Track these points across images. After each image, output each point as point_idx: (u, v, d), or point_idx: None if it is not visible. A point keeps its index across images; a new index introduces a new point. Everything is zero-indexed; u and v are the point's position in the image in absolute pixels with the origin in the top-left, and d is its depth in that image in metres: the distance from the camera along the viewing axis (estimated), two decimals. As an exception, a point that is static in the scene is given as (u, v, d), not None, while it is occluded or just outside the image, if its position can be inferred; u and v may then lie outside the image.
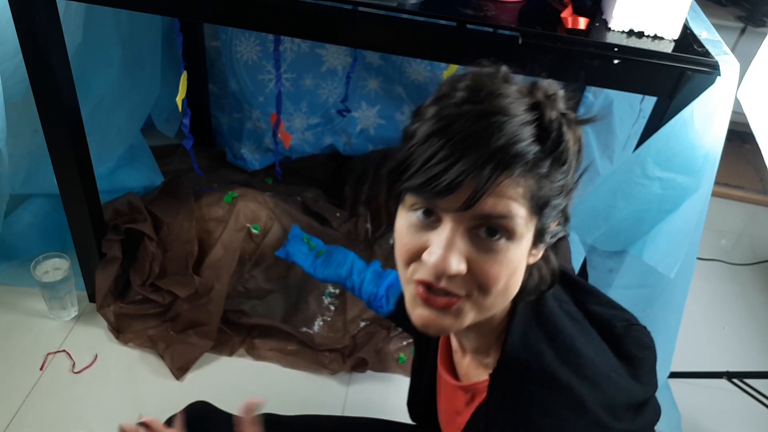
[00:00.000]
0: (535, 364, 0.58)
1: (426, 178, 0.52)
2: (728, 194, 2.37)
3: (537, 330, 0.60)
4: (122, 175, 1.72)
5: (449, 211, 0.53)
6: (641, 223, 1.10)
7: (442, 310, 0.57)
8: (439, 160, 0.51)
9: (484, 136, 0.51)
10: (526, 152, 0.52)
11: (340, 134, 1.99)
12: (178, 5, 1.08)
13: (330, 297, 1.62)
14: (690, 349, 1.64)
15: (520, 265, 0.57)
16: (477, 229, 0.54)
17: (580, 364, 0.58)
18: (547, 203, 0.55)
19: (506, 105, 0.53)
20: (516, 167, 0.51)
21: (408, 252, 0.57)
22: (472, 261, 0.54)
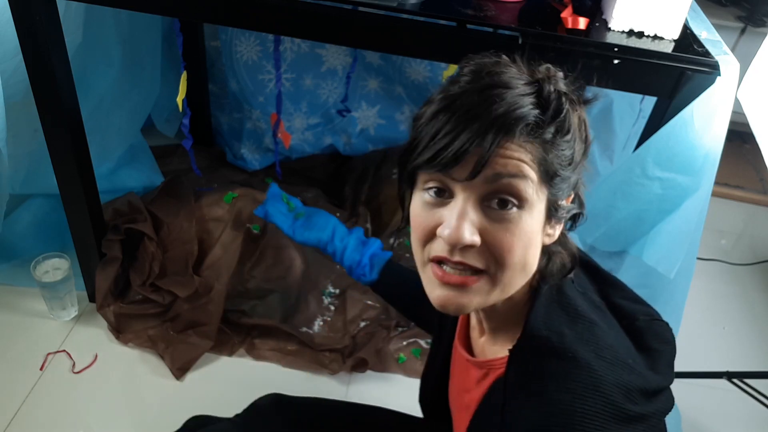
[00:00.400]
0: (556, 341, 0.58)
1: (433, 152, 0.54)
2: (728, 194, 2.37)
3: (559, 312, 0.61)
4: (122, 175, 1.72)
5: (459, 181, 0.55)
6: (641, 223, 1.10)
7: (460, 289, 0.58)
8: (445, 134, 0.54)
9: (485, 105, 0.54)
10: (526, 114, 0.54)
11: (340, 134, 1.99)
12: (178, 5, 1.08)
13: (330, 297, 1.62)
14: (690, 349, 1.64)
15: (534, 238, 0.58)
16: (489, 201, 0.55)
17: (599, 346, 0.59)
18: (556, 173, 0.56)
19: (506, 79, 0.56)
20: (517, 130, 0.53)
21: (423, 230, 0.59)
22: (486, 232, 0.55)
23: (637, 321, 0.66)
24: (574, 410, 0.54)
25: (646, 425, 0.56)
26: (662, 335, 0.66)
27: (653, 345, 0.65)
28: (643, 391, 0.58)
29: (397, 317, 1.57)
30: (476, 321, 0.74)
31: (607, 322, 0.63)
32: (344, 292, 1.61)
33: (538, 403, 0.56)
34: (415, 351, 1.54)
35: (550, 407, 0.55)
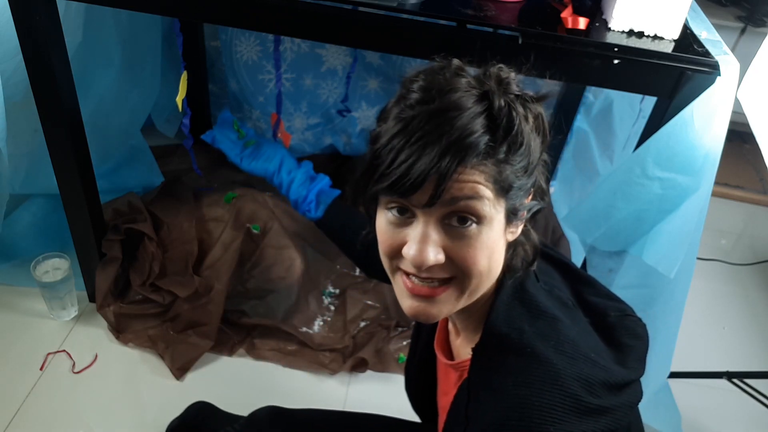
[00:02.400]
0: (515, 337, 0.60)
1: (392, 180, 0.56)
2: (728, 194, 2.37)
3: (520, 309, 0.63)
4: (122, 175, 1.72)
5: (418, 207, 0.57)
6: (641, 223, 1.10)
7: (428, 300, 0.61)
8: (401, 162, 0.56)
9: (438, 133, 0.55)
10: (478, 143, 0.55)
11: (340, 134, 1.99)
12: (178, 5, 1.08)
13: (330, 297, 1.62)
14: (690, 349, 1.64)
15: (496, 246, 0.60)
16: (449, 219, 0.57)
17: (560, 341, 0.60)
18: (512, 185, 0.58)
19: (456, 100, 0.56)
20: (470, 157, 0.55)
21: (389, 248, 0.62)
22: (449, 249, 0.58)
23: (609, 317, 0.68)
24: (531, 403, 0.55)
25: (610, 417, 0.57)
26: (633, 330, 0.68)
27: (624, 340, 0.66)
28: (606, 384, 0.58)
29: (397, 317, 1.57)
30: (451, 324, 0.76)
31: (572, 318, 0.65)
32: (344, 292, 1.61)
33: (497, 398, 0.58)
34: None
35: (507, 401, 0.57)
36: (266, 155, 1.05)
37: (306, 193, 1.02)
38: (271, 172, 1.04)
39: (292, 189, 1.03)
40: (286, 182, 1.04)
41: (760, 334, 1.83)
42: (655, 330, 1.20)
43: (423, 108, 0.57)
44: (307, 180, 1.04)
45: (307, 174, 1.05)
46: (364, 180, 0.62)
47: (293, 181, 1.03)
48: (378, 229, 0.63)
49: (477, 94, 0.57)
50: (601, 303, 0.69)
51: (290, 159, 1.06)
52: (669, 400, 1.41)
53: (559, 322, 0.62)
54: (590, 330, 0.65)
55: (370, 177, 0.60)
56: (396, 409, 1.05)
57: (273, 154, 1.05)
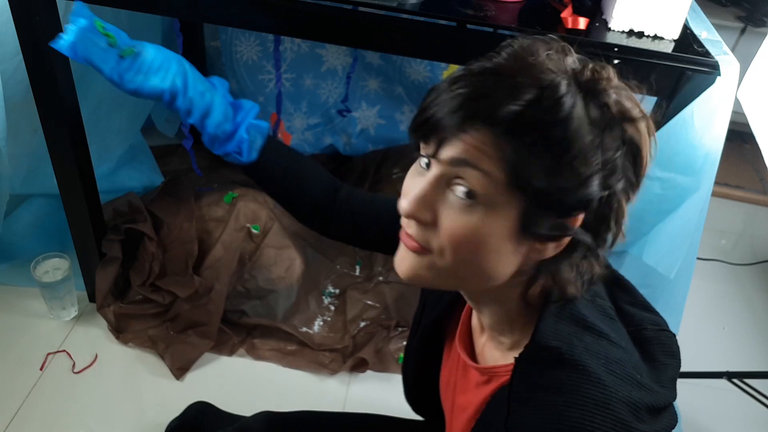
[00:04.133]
0: (566, 353, 0.55)
1: (418, 121, 0.55)
2: (728, 194, 2.37)
3: (568, 321, 0.58)
4: (122, 175, 1.72)
5: (427, 155, 0.55)
6: (641, 223, 1.10)
7: (412, 253, 0.57)
8: (429, 105, 0.53)
9: (479, 87, 0.51)
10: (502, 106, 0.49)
11: (340, 134, 1.99)
12: (178, 5, 1.08)
13: (330, 297, 1.62)
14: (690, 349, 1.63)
15: (494, 243, 0.53)
16: (454, 186, 0.53)
17: (609, 359, 0.56)
18: (529, 182, 0.50)
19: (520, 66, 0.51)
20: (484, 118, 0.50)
21: (402, 192, 0.59)
22: (439, 214, 0.54)
23: (646, 330, 0.63)
24: (583, 428, 0.51)
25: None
26: (669, 348, 0.64)
27: (659, 357, 0.62)
28: (650, 409, 0.56)
29: (397, 317, 1.57)
30: (476, 320, 0.72)
31: (617, 332, 0.61)
32: (344, 292, 1.61)
33: (546, 416, 0.54)
34: None
35: (558, 423, 0.53)
36: (157, 66, 0.74)
37: (232, 130, 0.77)
38: (171, 92, 0.74)
39: (210, 121, 0.76)
40: (199, 109, 0.75)
41: (760, 334, 1.83)
42: (655, 330, 1.20)
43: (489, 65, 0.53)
44: (228, 107, 0.78)
45: (226, 99, 0.79)
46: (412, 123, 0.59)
47: (210, 110, 0.76)
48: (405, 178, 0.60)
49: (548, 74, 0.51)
50: (637, 314, 0.65)
51: (193, 71, 0.77)
52: (669, 400, 1.41)
53: (605, 338, 0.58)
54: (632, 347, 0.61)
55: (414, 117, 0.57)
56: (396, 408, 1.05)
57: (167, 65, 0.74)
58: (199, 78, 0.77)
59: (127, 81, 0.74)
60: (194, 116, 0.76)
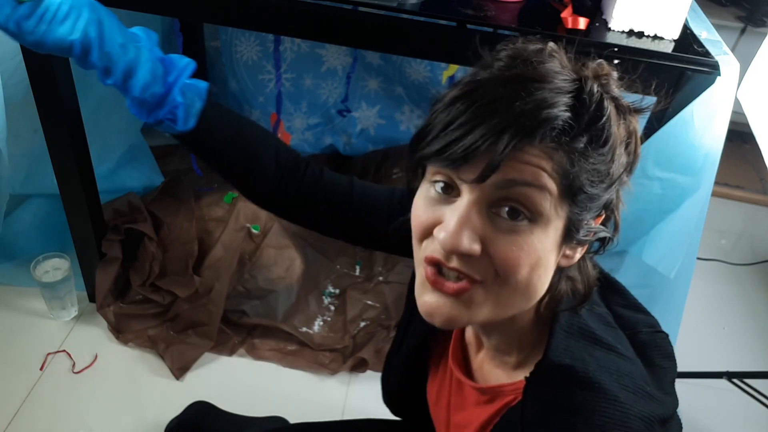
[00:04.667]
0: (580, 370, 0.53)
1: (444, 144, 0.48)
2: (728, 194, 2.37)
3: (577, 336, 0.56)
4: (122, 175, 1.72)
5: (467, 181, 0.49)
6: (641, 223, 1.10)
7: (452, 298, 0.51)
8: (459, 125, 0.48)
9: (510, 99, 0.47)
10: (555, 117, 0.47)
11: (340, 134, 1.99)
12: (178, 5, 1.08)
13: (330, 297, 1.62)
14: (690, 349, 1.64)
15: (546, 258, 0.51)
16: (498, 208, 0.49)
17: (621, 374, 0.54)
18: (582, 188, 0.49)
19: (542, 71, 0.49)
20: (540, 134, 0.47)
21: (421, 225, 0.53)
22: (489, 242, 0.49)
23: (641, 333, 0.62)
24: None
25: None
26: (665, 350, 0.63)
27: (657, 361, 0.61)
28: (661, 420, 0.55)
29: (397, 317, 1.57)
30: (472, 336, 0.69)
31: (621, 342, 0.60)
32: (344, 292, 1.61)
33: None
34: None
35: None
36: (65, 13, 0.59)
37: (163, 92, 0.64)
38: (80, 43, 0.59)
39: (134, 82, 0.63)
40: (120, 66, 0.61)
41: (760, 334, 1.83)
42: (655, 330, 1.20)
43: (502, 73, 0.49)
44: (158, 65, 0.64)
45: (155, 54, 0.65)
46: (413, 145, 0.53)
47: (134, 68, 0.62)
48: (415, 205, 0.54)
49: (569, 75, 0.50)
50: (631, 317, 0.64)
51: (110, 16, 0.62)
52: (669, 400, 1.41)
53: (614, 351, 0.56)
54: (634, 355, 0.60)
55: (420, 140, 0.51)
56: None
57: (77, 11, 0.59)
58: (119, 28, 0.62)
59: (26, 32, 0.59)
60: (114, 75, 0.62)
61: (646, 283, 1.16)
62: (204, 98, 0.68)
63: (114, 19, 0.62)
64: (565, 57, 0.53)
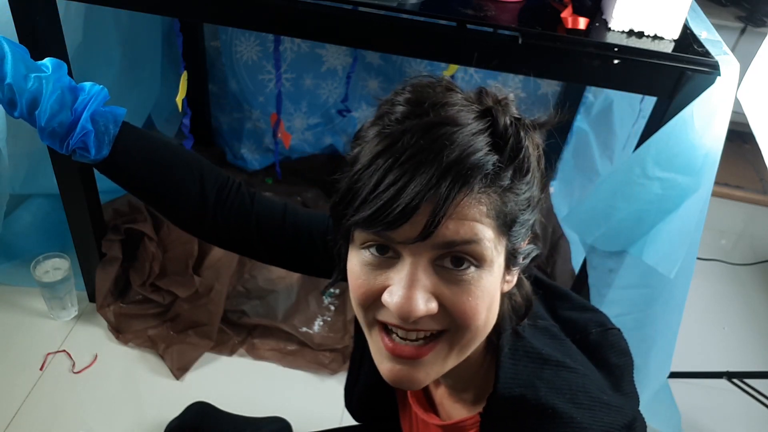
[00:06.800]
0: (531, 399, 0.53)
1: (375, 208, 0.46)
2: (728, 194, 2.37)
3: (525, 361, 0.56)
4: (122, 175, 1.71)
5: (407, 243, 0.47)
6: (641, 223, 1.10)
7: (413, 362, 0.51)
8: (388, 185, 0.46)
9: (435, 150, 0.46)
10: (484, 162, 0.47)
11: (340, 134, 1.99)
12: (178, 5, 1.08)
13: (330, 297, 1.62)
14: (690, 349, 1.64)
15: (495, 294, 0.52)
16: (441, 261, 0.48)
17: (573, 392, 0.54)
18: (515, 220, 0.50)
19: (454, 114, 0.48)
20: (475, 181, 0.46)
21: (364, 296, 0.51)
22: (443, 295, 0.49)
23: (590, 335, 0.62)
24: None
25: None
26: (619, 346, 0.62)
27: (612, 360, 0.61)
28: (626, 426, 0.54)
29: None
30: None
31: (570, 355, 0.59)
32: (344, 292, 1.61)
33: None
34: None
35: None
36: None
37: (72, 119, 0.62)
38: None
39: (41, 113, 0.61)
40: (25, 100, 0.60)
41: (760, 334, 1.83)
42: (655, 330, 1.20)
43: (414, 122, 0.48)
44: (66, 92, 0.62)
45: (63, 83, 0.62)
46: (336, 212, 0.51)
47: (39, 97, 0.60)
48: (351, 272, 0.52)
49: (477, 110, 0.50)
50: (579, 318, 0.63)
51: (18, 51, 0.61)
52: (669, 400, 1.41)
53: (564, 367, 0.56)
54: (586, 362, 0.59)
55: (345, 208, 0.49)
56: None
57: None
58: (23, 60, 0.61)
59: None
60: (19, 107, 0.61)
61: (646, 283, 1.16)
62: (118, 124, 0.66)
63: (18, 52, 0.61)
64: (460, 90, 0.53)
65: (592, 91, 1.80)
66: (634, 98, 1.68)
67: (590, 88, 1.78)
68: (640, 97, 1.64)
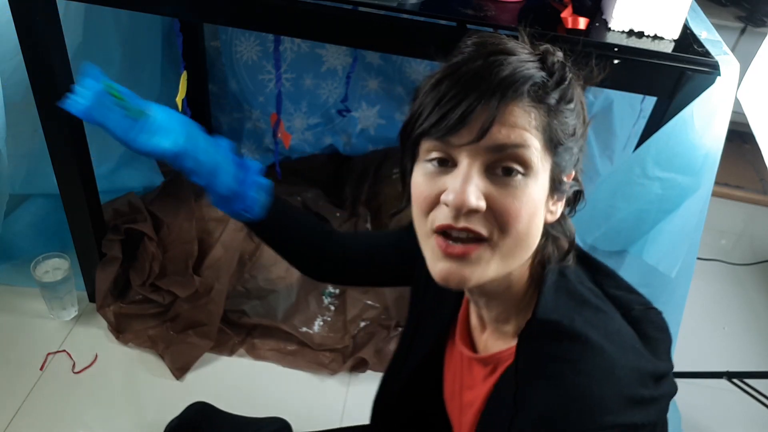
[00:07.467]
0: (566, 325, 0.58)
1: (439, 116, 0.54)
2: (728, 194, 2.37)
3: (565, 298, 0.61)
4: (122, 175, 1.72)
5: (463, 146, 0.54)
6: (641, 223, 1.10)
7: (462, 260, 0.57)
8: (451, 98, 0.54)
9: (490, 69, 0.54)
10: (533, 75, 0.55)
11: (340, 134, 1.99)
12: (178, 5, 1.08)
13: (330, 297, 1.62)
14: (690, 349, 1.64)
15: (539, 207, 0.57)
16: (493, 169, 0.55)
17: (608, 331, 0.58)
18: (560, 141, 0.57)
19: (510, 47, 0.57)
20: (524, 90, 0.54)
21: (425, 200, 0.58)
22: (491, 197, 0.55)
23: (633, 311, 0.66)
24: (592, 393, 0.53)
25: (657, 407, 0.56)
26: (658, 323, 0.66)
27: (651, 333, 0.64)
28: (653, 375, 0.58)
29: (397, 317, 1.57)
30: (476, 318, 0.73)
31: (611, 310, 0.64)
32: (344, 292, 1.61)
33: (553, 386, 0.55)
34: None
35: (567, 390, 0.54)
36: (164, 127, 0.74)
37: (241, 189, 0.78)
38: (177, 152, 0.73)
39: (219, 181, 0.76)
40: (206, 169, 0.75)
41: (760, 334, 1.83)
42: (655, 330, 1.20)
43: (476, 53, 0.56)
44: (236, 168, 0.78)
45: (233, 159, 0.79)
46: (406, 131, 0.59)
47: (217, 170, 0.76)
48: (414, 184, 0.60)
49: (530, 50, 0.58)
50: (623, 296, 0.67)
51: (199, 132, 0.77)
52: (669, 400, 1.41)
53: (602, 312, 0.61)
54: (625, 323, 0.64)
55: (413, 124, 0.58)
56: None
57: (173, 124, 0.74)
58: (205, 138, 0.77)
59: (132, 140, 0.74)
60: (201, 176, 0.76)
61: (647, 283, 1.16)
62: (270, 193, 0.81)
63: (201, 131, 0.77)
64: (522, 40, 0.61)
65: (592, 91, 1.80)
66: (635, 98, 1.69)
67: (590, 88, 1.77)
68: (641, 97, 1.64)
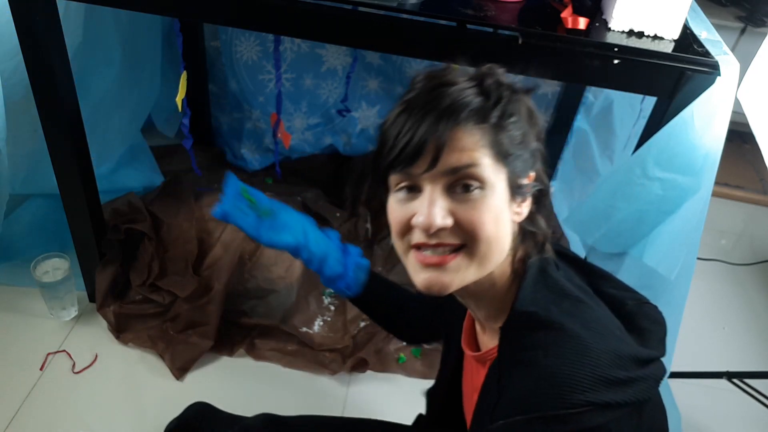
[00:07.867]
0: (542, 315, 0.62)
1: (399, 149, 0.62)
2: (728, 194, 2.37)
3: (545, 291, 0.65)
4: (122, 175, 1.72)
5: (423, 173, 0.62)
6: (641, 224, 1.09)
7: (440, 268, 0.63)
8: (405, 132, 0.62)
9: (435, 103, 0.62)
10: (470, 101, 0.62)
11: (340, 134, 1.99)
12: (178, 5, 1.08)
13: (330, 297, 1.62)
14: (690, 349, 1.64)
15: (501, 212, 0.64)
16: (453, 187, 0.62)
17: (587, 320, 0.62)
18: (509, 152, 0.63)
19: (451, 79, 0.64)
20: (464, 115, 0.61)
21: (399, 224, 0.65)
22: (456, 213, 0.62)
23: (626, 306, 0.70)
24: (562, 372, 0.57)
25: (635, 388, 0.58)
26: (653, 316, 0.70)
27: (644, 325, 0.68)
28: (633, 358, 0.59)
29: (397, 317, 1.57)
30: (476, 321, 0.76)
31: (595, 302, 0.67)
32: (344, 292, 1.61)
33: (528, 370, 0.60)
34: (415, 351, 1.54)
35: (538, 372, 0.58)
36: (288, 226, 0.91)
37: (343, 270, 0.93)
38: (296, 246, 0.91)
39: (327, 265, 0.93)
40: (317, 257, 0.92)
41: (760, 334, 1.83)
42: (655, 330, 1.20)
43: (423, 87, 0.64)
44: (341, 254, 0.95)
45: (338, 246, 0.96)
46: (374, 164, 0.67)
47: (327, 257, 0.92)
48: (390, 212, 0.67)
49: (470, 76, 0.65)
50: (618, 294, 0.71)
51: (313, 227, 0.94)
52: (669, 400, 1.41)
53: (583, 304, 0.64)
54: (612, 315, 0.67)
55: (379, 158, 0.65)
56: (395, 409, 1.05)
57: (294, 224, 0.92)
58: (317, 231, 0.94)
59: (265, 237, 0.90)
60: (314, 264, 0.92)
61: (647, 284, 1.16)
62: (368, 272, 0.95)
63: (314, 226, 0.94)
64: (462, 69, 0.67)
65: (592, 91, 1.80)
66: (635, 98, 1.69)
67: (590, 88, 1.78)
68: (641, 97, 1.64)
